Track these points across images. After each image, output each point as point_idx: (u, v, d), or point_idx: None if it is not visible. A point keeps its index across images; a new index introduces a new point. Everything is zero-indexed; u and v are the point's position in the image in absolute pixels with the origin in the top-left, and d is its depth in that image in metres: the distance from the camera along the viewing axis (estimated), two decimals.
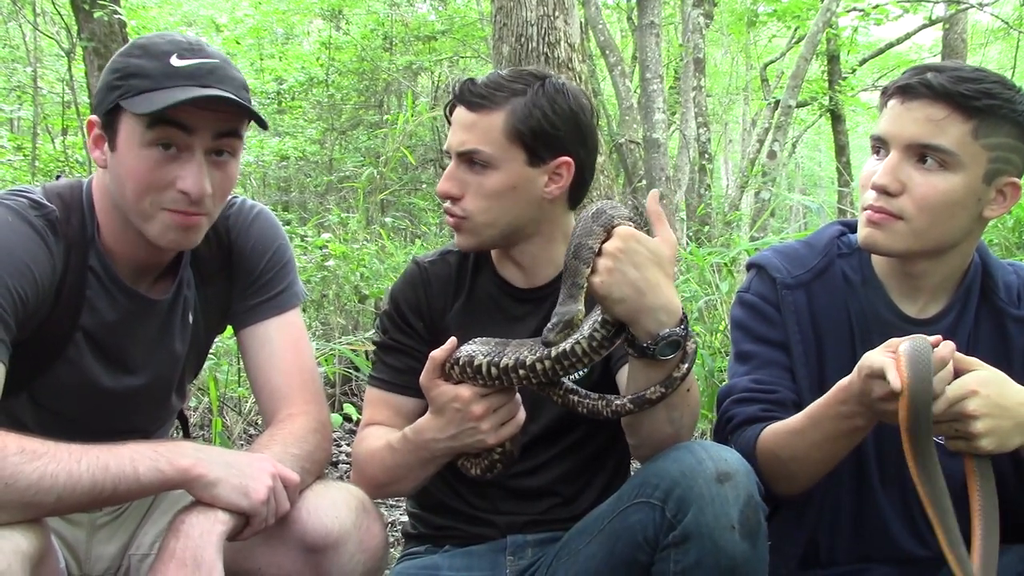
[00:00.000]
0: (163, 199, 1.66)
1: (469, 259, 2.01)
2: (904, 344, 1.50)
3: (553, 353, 1.55)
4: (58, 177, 1.87)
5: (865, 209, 1.70)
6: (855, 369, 1.55)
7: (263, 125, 1.74)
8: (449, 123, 1.90)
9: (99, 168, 1.72)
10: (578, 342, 1.54)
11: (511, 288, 1.97)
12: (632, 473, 2.07)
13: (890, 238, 1.68)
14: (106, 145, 1.68)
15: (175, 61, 1.63)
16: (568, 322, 1.50)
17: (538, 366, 1.56)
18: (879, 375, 1.48)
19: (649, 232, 1.56)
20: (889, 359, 1.49)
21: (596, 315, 1.55)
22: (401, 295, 2.00)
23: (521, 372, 1.57)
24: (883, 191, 1.66)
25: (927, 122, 1.63)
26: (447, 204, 1.88)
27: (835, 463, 1.70)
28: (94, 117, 1.69)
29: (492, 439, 1.65)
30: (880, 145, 1.71)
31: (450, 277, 2.00)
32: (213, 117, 1.65)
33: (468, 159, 1.84)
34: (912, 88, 1.65)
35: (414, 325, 1.97)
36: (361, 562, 1.69)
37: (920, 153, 1.64)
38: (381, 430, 1.89)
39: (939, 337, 1.54)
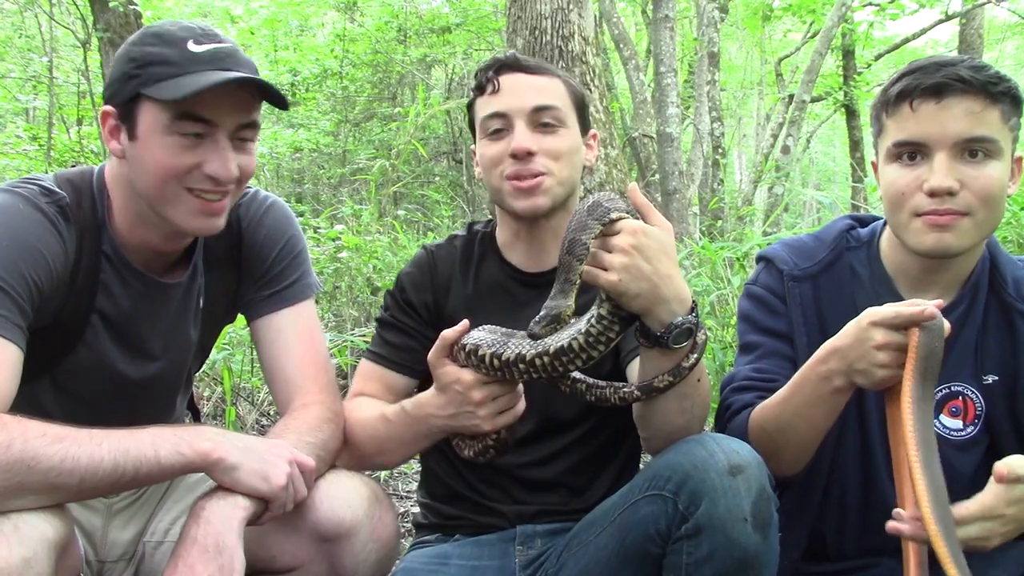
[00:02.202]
0: (188, 182, 1.68)
1: (475, 244, 2.04)
2: (925, 332, 1.52)
3: (552, 349, 1.56)
4: (73, 166, 1.88)
5: (922, 215, 1.68)
6: (854, 321, 1.57)
7: (285, 105, 1.75)
8: (494, 90, 1.92)
9: (115, 158, 1.73)
10: (575, 338, 1.55)
11: (518, 273, 2.00)
12: (642, 466, 2.09)
13: (961, 237, 1.69)
14: (123, 135, 1.69)
15: (192, 47, 1.65)
16: (555, 317, 1.52)
17: (537, 361, 1.57)
18: (889, 321, 1.51)
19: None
20: (894, 307, 1.53)
21: (593, 311, 1.56)
22: (408, 277, 2.04)
23: (521, 366, 1.59)
24: (948, 193, 1.66)
25: (968, 115, 1.65)
26: (519, 166, 1.87)
27: (818, 435, 1.71)
28: (109, 108, 1.69)
29: (487, 426, 1.67)
30: (914, 149, 1.69)
31: (456, 260, 2.03)
32: (234, 103, 1.66)
33: (538, 118, 1.89)
34: (945, 85, 1.65)
35: (417, 306, 2.00)
36: (373, 551, 1.72)
37: (968, 147, 1.66)
38: (372, 402, 1.91)
39: (940, 302, 1.55)
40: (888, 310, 1.52)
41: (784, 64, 16.08)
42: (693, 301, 1.58)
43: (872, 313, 1.54)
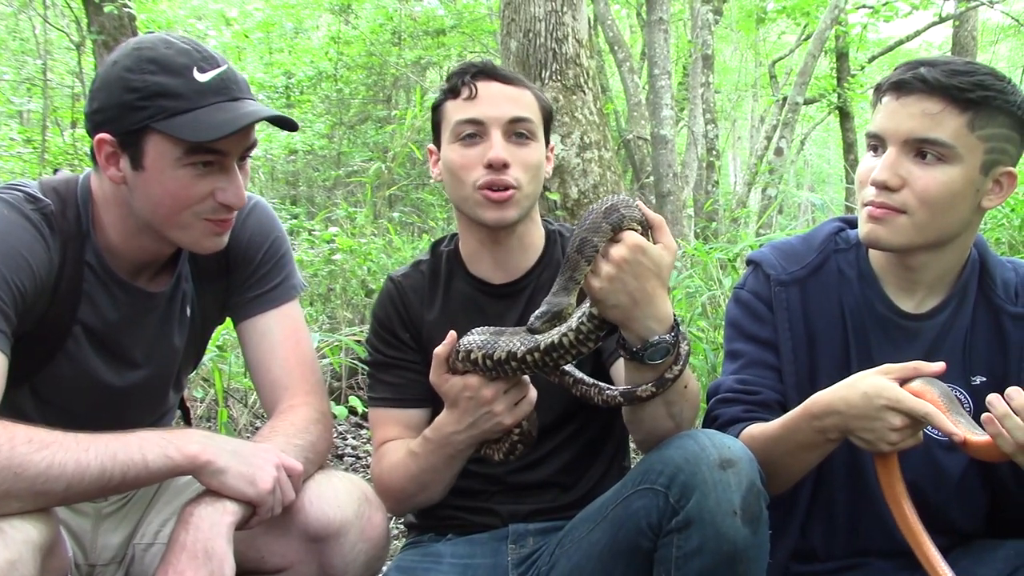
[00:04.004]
0: (201, 210, 1.68)
1: (441, 266, 2.04)
2: (933, 387, 1.55)
3: (542, 345, 1.57)
4: (56, 172, 1.87)
5: (865, 205, 1.71)
6: (860, 390, 1.56)
7: (295, 127, 1.77)
8: (471, 96, 1.90)
9: (112, 182, 1.70)
10: (565, 334, 1.56)
11: (486, 286, 2.00)
12: (630, 455, 2.11)
13: (893, 233, 1.69)
14: (123, 162, 1.66)
15: (199, 76, 1.63)
16: (557, 314, 1.52)
17: (528, 358, 1.59)
18: (914, 413, 1.51)
19: (647, 235, 1.56)
20: (929, 405, 1.51)
21: (585, 307, 1.57)
22: (382, 312, 2.03)
23: (513, 363, 1.60)
24: (883, 187, 1.67)
25: (923, 116, 1.63)
26: (493, 176, 1.87)
27: (809, 468, 1.73)
28: (106, 136, 1.64)
29: (509, 420, 1.68)
30: (877, 142, 1.71)
31: (424, 286, 2.03)
32: (243, 133, 1.66)
33: (513, 129, 1.89)
34: (906, 83, 1.65)
35: (401, 337, 2.00)
36: (363, 551, 1.72)
37: (918, 148, 1.65)
38: (397, 444, 1.91)
39: (942, 365, 1.57)
40: (915, 405, 1.52)
41: (778, 66, 16.08)
42: (676, 320, 1.59)
43: (891, 397, 1.53)
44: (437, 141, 1.99)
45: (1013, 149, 1.69)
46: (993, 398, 1.48)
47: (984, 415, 1.48)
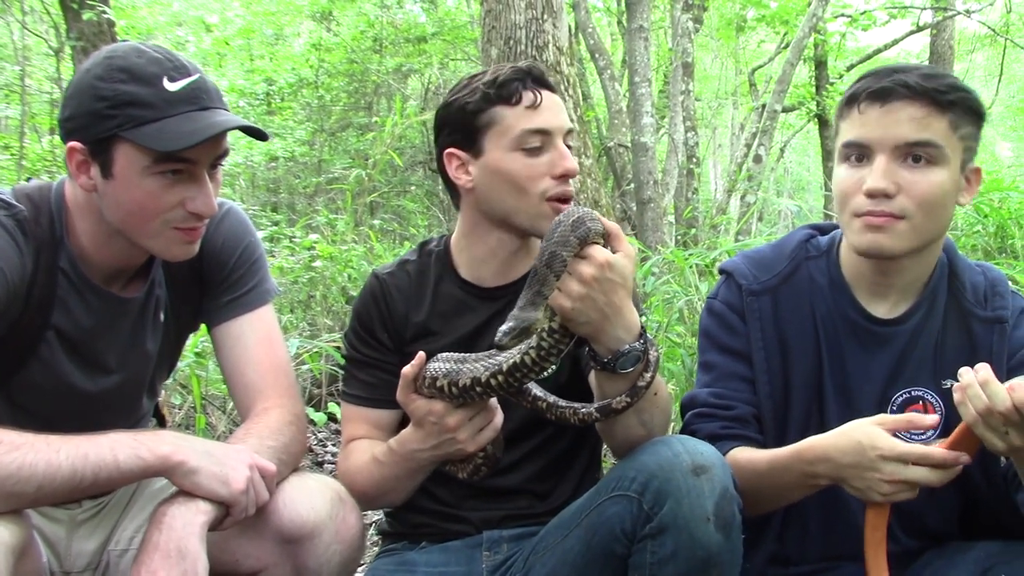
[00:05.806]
0: (171, 219, 1.68)
1: (429, 267, 2.02)
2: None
3: (505, 367, 1.57)
4: (29, 180, 1.87)
5: (860, 216, 1.70)
6: (854, 441, 1.59)
7: (265, 137, 1.79)
8: (535, 104, 1.85)
9: (83, 190, 1.70)
10: (527, 353, 1.56)
11: (476, 288, 1.98)
12: (605, 465, 2.10)
13: (895, 239, 1.70)
14: (94, 170, 1.66)
15: (168, 85, 1.63)
16: (525, 329, 1.52)
17: (492, 381, 1.58)
18: (909, 456, 1.54)
19: (607, 245, 1.57)
20: (920, 446, 1.57)
21: (544, 323, 1.57)
22: (363, 309, 2.01)
23: (478, 389, 1.60)
24: (883, 195, 1.68)
25: (911, 121, 1.66)
26: (565, 187, 1.86)
27: (791, 502, 1.76)
28: (77, 144, 1.65)
29: (471, 447, 1.68)
30: (861, 151, 1.71)
31: (409, 286, 2.01)
32: (213, 142, 1.66)
33: (567, 140, 1.89)
34: (890, 91, 1.67)
35: (379, 337, 1.98)
36: (338, 552, 1.72)
37: (910, 152, 1.67)
38: (365, 443, 1.91)
39: (936, 418, 1.62)
40: (908, 448, 1.55)
41: (758, 74, 16.16)
42: (642, 327, 1.60)
43: (884, 447, 1.56)
44: (469, 146, 1.89)
45: (976, 146, 1.75)
46: (963, 369, 1.54)
47: (954, 384, 1.54)
